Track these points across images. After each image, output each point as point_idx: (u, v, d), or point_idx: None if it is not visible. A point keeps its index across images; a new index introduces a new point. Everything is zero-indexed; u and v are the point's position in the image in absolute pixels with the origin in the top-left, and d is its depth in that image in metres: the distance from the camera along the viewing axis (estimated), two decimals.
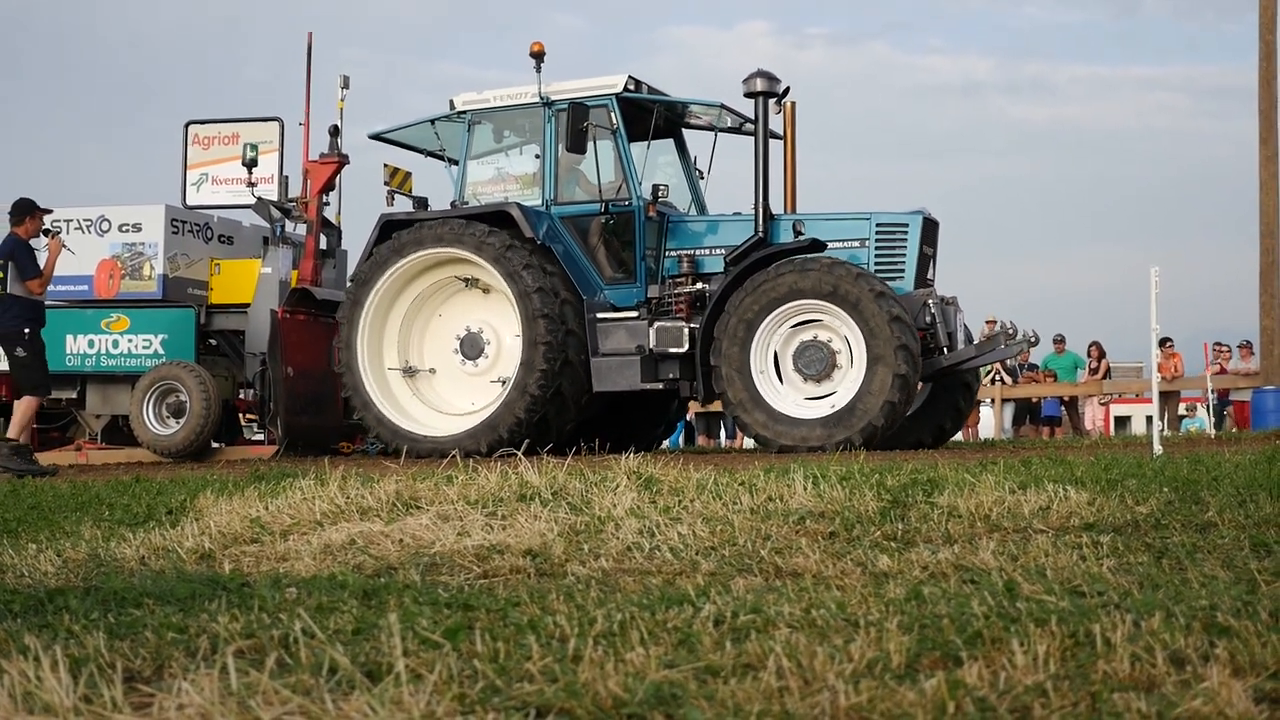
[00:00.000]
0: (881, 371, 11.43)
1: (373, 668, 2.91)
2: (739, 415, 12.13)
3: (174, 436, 14.97)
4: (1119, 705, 2.50)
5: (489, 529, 5.40)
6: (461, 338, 13.33)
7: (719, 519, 5.51)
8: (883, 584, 3.98)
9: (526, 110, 13.55)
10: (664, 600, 3.66)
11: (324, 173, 15.80)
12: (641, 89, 13.40)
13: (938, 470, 6.97)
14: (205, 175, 17.12)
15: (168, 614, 3.66)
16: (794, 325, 12.05)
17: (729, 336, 12.03)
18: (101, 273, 15.86)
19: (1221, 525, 5.05)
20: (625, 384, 12.71)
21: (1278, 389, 19.38)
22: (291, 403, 14.60)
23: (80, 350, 15.79)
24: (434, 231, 13.05)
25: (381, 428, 13.18)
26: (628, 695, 2.61)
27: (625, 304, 13.03)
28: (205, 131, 17.27)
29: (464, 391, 13.42)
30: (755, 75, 12.84)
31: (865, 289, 11.60)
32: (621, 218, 13.17)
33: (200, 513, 6.47)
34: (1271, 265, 19.80)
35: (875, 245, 12.56)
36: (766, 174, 12.82)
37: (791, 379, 12.09)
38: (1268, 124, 19.89)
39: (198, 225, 16.28)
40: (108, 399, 16.01)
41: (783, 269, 12.04)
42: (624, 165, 13.17)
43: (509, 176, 13.94)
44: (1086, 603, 3.40)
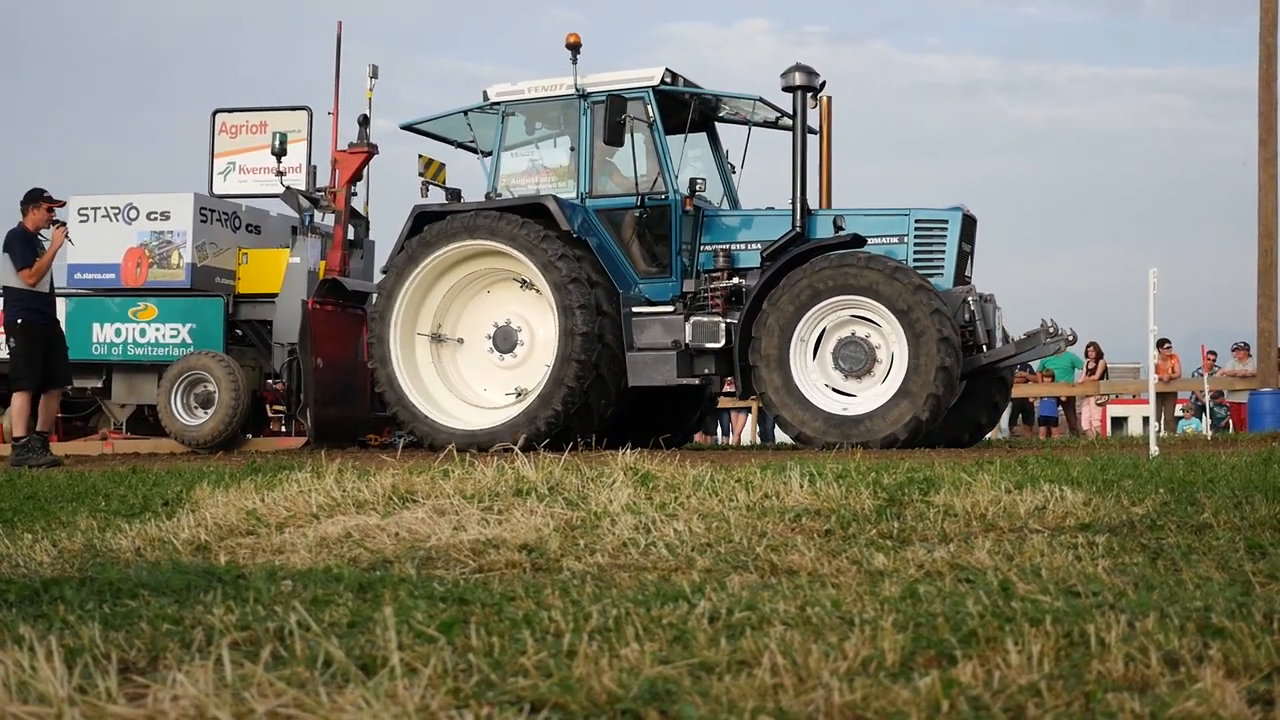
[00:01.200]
0: (924, 365, 11.35)
1: (367, 661, 2.91)
2: (780, 413, 12.02)
3: (202, 427, 14.85)
4: (1113, 705, 2.50)
5: (485, 523, 5.41)
6: (494, 331, 13.23)
7: (715, 516, 5.51)
8: (878, 582, 3.98)
9: (561, 102, 13.43)
10: (659, 596, 3.67)
11: (353, 162, 15.71)
12: (678, 81, 13.31)
13: (934, 469, 6.98)
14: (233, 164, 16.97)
15: (163, 605, 3.66)
16: (833, 321, 11.96)
17: (768, 332, 11.95)
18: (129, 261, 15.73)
19: (1217, 527, 5.05)
20: (661, 379, 12.64)
21: (1274, 391, 19.39)
22: (320, 394, 14.49)
23: (107, 339, 15.66)
24: (468, 223, 12.94)
25: (415, 421, 13.06)
26: (622, 691, 2.62)
27: (660, 298, 12.94)
28: (233, 120, 17.06)
29: (497, 384, 13.30)
30: (794, 69, 12.70)
31: (904, 283, 11.51)
32: (657, 211, 13.06)
33: (196, 504, 6.47)
34: (1269, 267, 19.79)
35: (914, 241, 12.46)
36: (804, 169, 12.70)
37: (831, 375, 12.00)
38: (1267, 126, 19.88)
39: (226, 214, 16.18)
40: (134, 388, 15.86)
41: (821, 264, 11.95)
42: (660, 158, 13.05)
43: (542, 168, 13.83)
44: (1081, 603, 3.40)
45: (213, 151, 17.09)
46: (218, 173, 17.03)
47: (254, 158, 16.82)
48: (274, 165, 15.80)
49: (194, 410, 15.08)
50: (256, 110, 17.15)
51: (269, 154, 15.91)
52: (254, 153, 16.83)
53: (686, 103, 13.51)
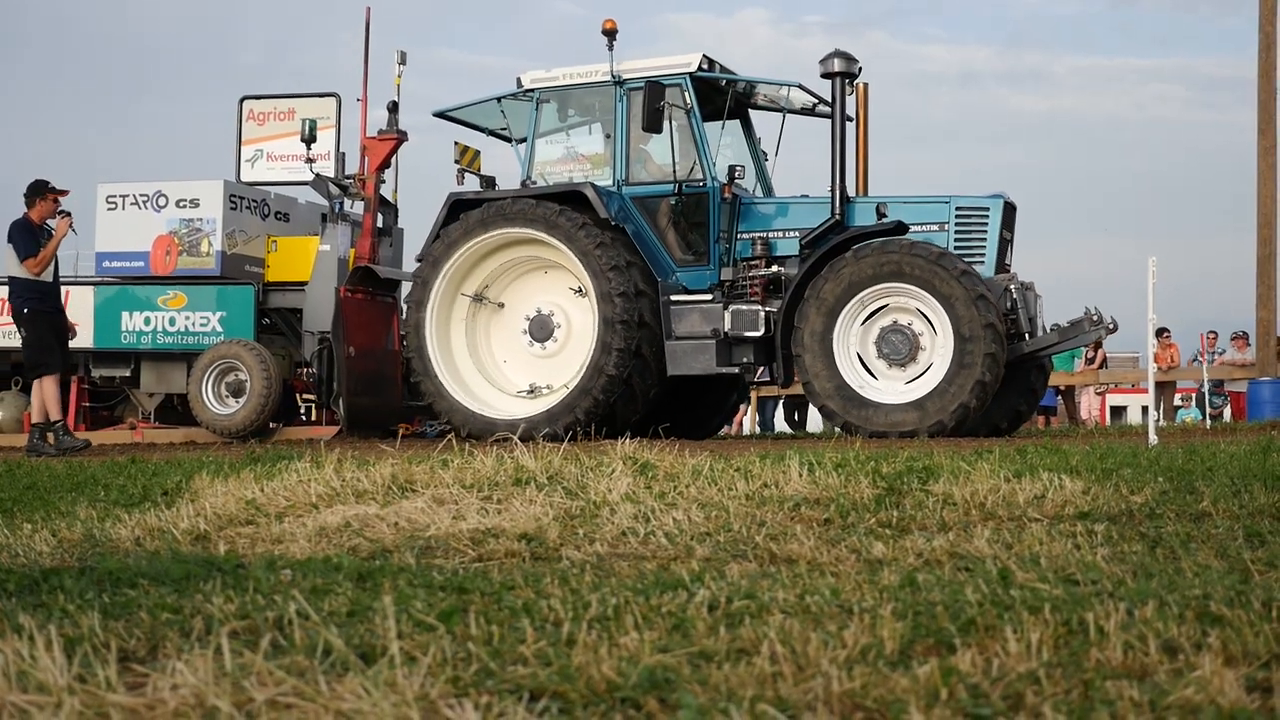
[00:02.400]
0: (969, 352, 11.31)
1: (367, 650, 2.91)
2: (825, 403, 11.97)
3: (234, 416, 14.83)
4: (1111, 693, 2.50)
5: (484, 513, 5.41)
6: (530, 319, 13.19)
7: (714, 505, 5.51)
8: (877, 571, 3.98)
9: (597, 89, 13.39)
10: (658, 585, 3.67)
11: (382, 149, 15.67)
12: (714, 68, 13.27)
13: (933, 458, 6.99)
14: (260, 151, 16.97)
15: (162, 595, 3.66)
16: (876, 309, 11.93)
17: (810, 320, 11.90)
18: (158, 249, 15.73)
19: (1216, 515, 5.06)
20: (700, 368, 12.61)
21: (1273, 380, 19.39)
22: (353, 383, 14.46)
23: (136, 327, 15.66)
24: (506, 210, 12.89)
25: (452, 411, 13.02)
26: (621, 679, 2.62)
27: (697, 286, 12.90)
28: (260, 107, 17.06)
29: (532, 373, 13.26)
30: (833, 55, 12.64)
31: (948, 269, 11.48)
32: (693, 199, 13.00)
33: (196, 494, 6.48)
34: (1268, 256, 19.79)
35: (955, 228, 12.42)
36: (843, 156, 12.65)
37: (874, 364, 11.97)
38: (1266, 115, 19.87)
39: (255, 201, 16.14)
40: (163, 377, 15.88)
41: (864, 251, 11.90)
42: (698, 146, 13.00)
43: (578, 156, 13.79)
44: (1080, 591, 3.41)
45: (240, 138, 17.03)
46: (245, 160, 17.01)
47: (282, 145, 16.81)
48: (302, 152, 15.77)
49: (225, 399, 15.04)
50: (284, 97, 17.14)
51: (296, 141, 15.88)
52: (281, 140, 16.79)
53: (722, 89, 13.45)
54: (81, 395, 16.47)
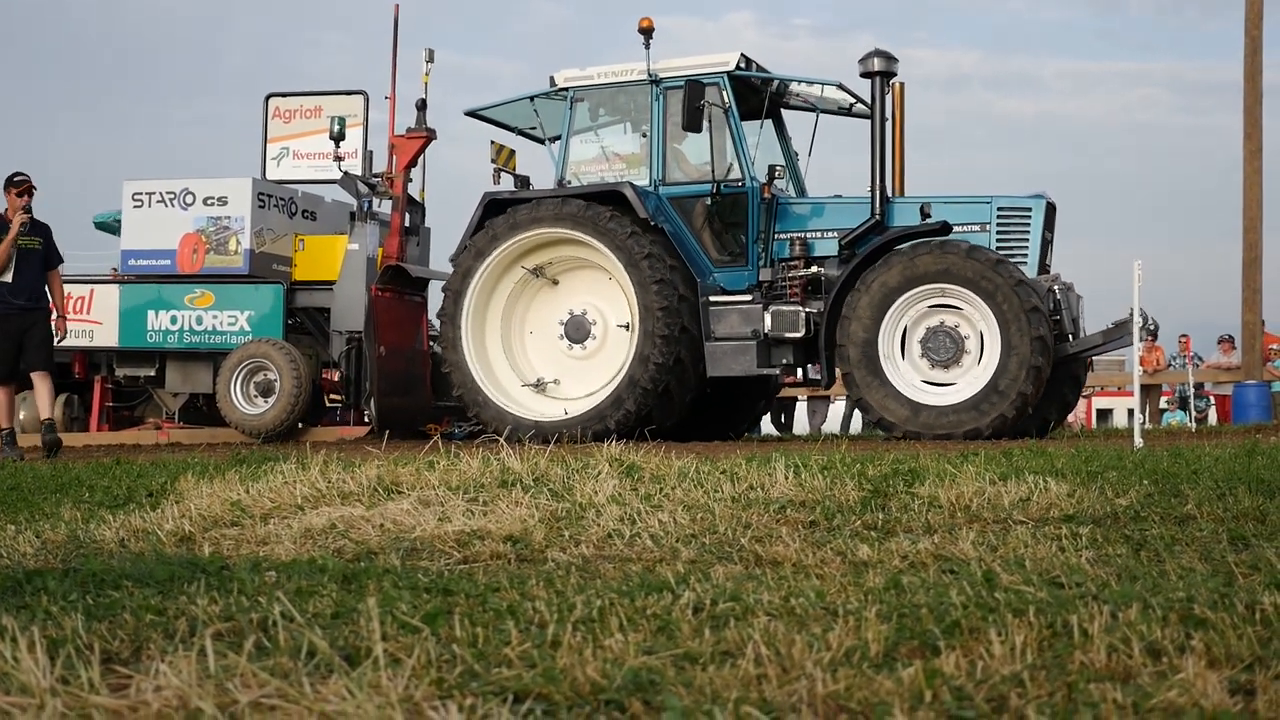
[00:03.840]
0: (1015, 361, 11.27)
1: (351, 651, 2.90)
2: (864, 397, 11.89)
3: (263, 416, 14.70)
4: (1095, 695, 2.51)
5: (470, 514, 5.40)
6: (566, 321, 13.09)
7: (700, 507, 5.51)
8: (862, 573, 3.98)
9: (633, 88, 13.30)
10: (643, 587, 3.67)
11: (411, 148, 15.56)
12: (751, 67, 13.20)
13: (919, 460, 7.00)
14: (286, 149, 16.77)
15: (146, 596, 3.65)
16: (921, 310, 11.87)
17: (855, 321, 11.83)
18: (185, 247, 15.59)
19: (1200, 518, 5.07)
20: (740, 369, 12.53)
21: (1259, 383, 19.47)
22: (383, 383, 14.38)
23: (162, 326, 15.51)
24: (545, 211, 12.78)
25: (487, 411, 12.91)
26: (606, 681, 2.62)
27: (735, 287, 12.81)
28: (286, 104, 16.88)
29: (568, 374, 13.15)
30: (872, 55, 12.60)
31: (1004, 276, 11.42)
32: (730, 199, 12.92)
33: (181, 495, 6.46)
34: (1254, 260, 19.86)
35: (996, 229, 12.34)
36: (883, 156, 12.58)
37: (918, 365, 11.90)
38: (1252, 119, 19.94)
39: (283, 200, 16.00)
40: (188, 377, 15.72)
41: (914, 252, 11.84)
42: (737, 145, 12.93)
43: (613, 155, 13.68)
44: (1064, 594, 3.41)
45: (265, 136, 16.87)
46: (271, 158, 16.80)
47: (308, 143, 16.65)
48: (329, 150, 15.64)
49: (253, 399, 14.90)
50: (311, 94, 16.95)
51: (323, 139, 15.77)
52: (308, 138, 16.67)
53: (758, 89, 13.39)
54: (105, 395, 16.37)
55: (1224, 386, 21.56)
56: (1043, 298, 11.58)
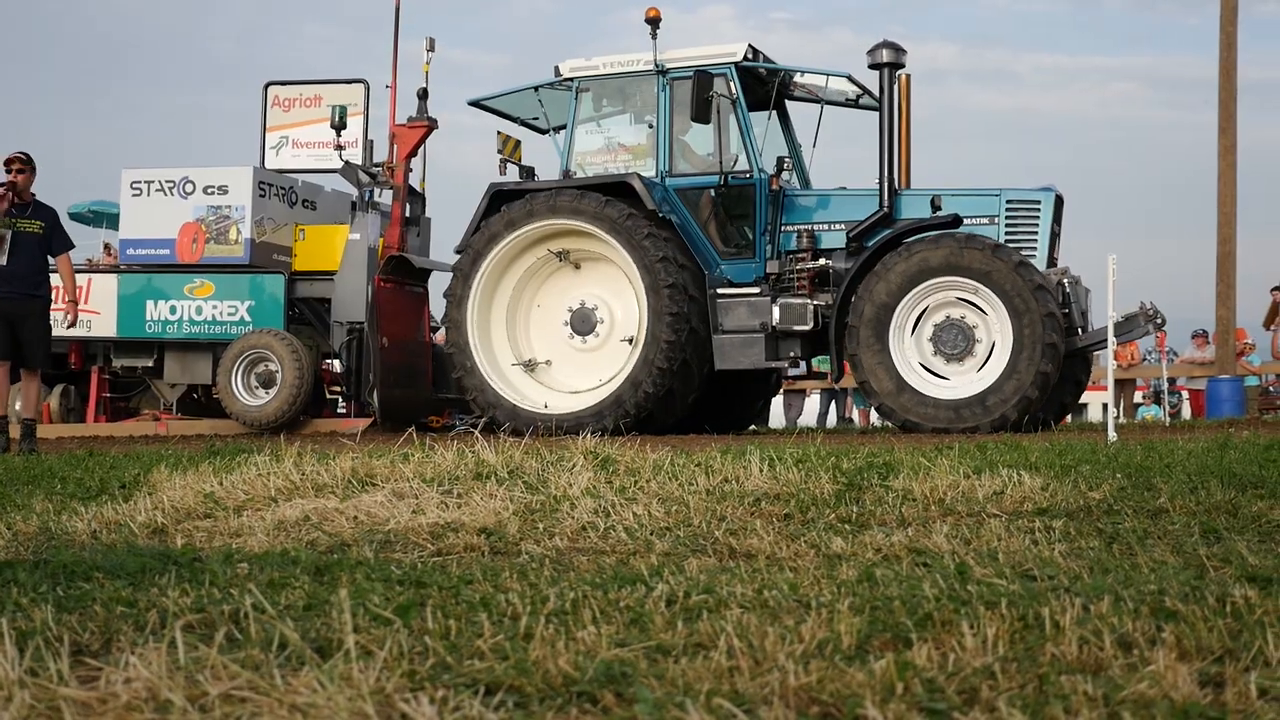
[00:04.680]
0: (1029, 343, 11.21)
1: (323, 644, 2.90)
2: (882, 400, 11.83)
3: (265, 408, 14.54)
4: (1066, 688, 2.52)
5: (444, 507, 5.39)
6: (572, 312, 13.00)
7: (675, 500, 5.51)
8: (836, 566, 3.99)
9: (639, 78, 13.21)
10: (617, 580, 3.67)
11: (412, 137, 15.42)
12: (758, 58, 13.12)
13: (893, 454, 7.01)
14: (285, 138, 16.57)
15: (117, 588, 3.63)
16: (931, 303, 11.81)
17: (866, 314, 11.76)
18: (184, 236, 15.39)
19: (1173, 511, 5.09)
20: (748, 362, 12.48)
21: (1233, 378, 19.56)
22: (385, 375, 14.27)
23: (161, 316, 15.33)
24: (553, 202, 12.69)
25: (492, 404, 12.80)
26: (578, 673, 2.62)
27: (742, 279, 12.72)
28: (286, 93, 16.69)
29: (573, 367, 13.06)
30: (881, 46, 12.52)
31: (1005, 261, 11.39)
32: (737, 190, 12.84)
33: (154, 487, 6.43)
34: (1228, 255, 19.95)
35: (1005, 222, 12.30)
36: (892, 148, 12.52)
37: (930, 358, 11.85)
38: (1226, 114, 20.03)
39: (283, 189, 15.82)
40: (187, 368, 15.56)
41: (921, 245, 11.79)
42: (745, 137, 12.84)
43: (618, 146, 13.58)
44: (1037, 586, 3.42)
45: (264, 125, 16.68)
46: (270, 147, 16.61)
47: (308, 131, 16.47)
48: (330, 140, 15.49)
49: (255, 390, 14.76)
50: (310, 83, 16.77)
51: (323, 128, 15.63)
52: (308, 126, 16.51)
53: (764, 79, 13.32)
54: (102, 385, 16.20)
55: (1198, 381, 21.65)
56: (1054, 294, 11.55)
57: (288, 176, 16.19)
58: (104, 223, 24.39)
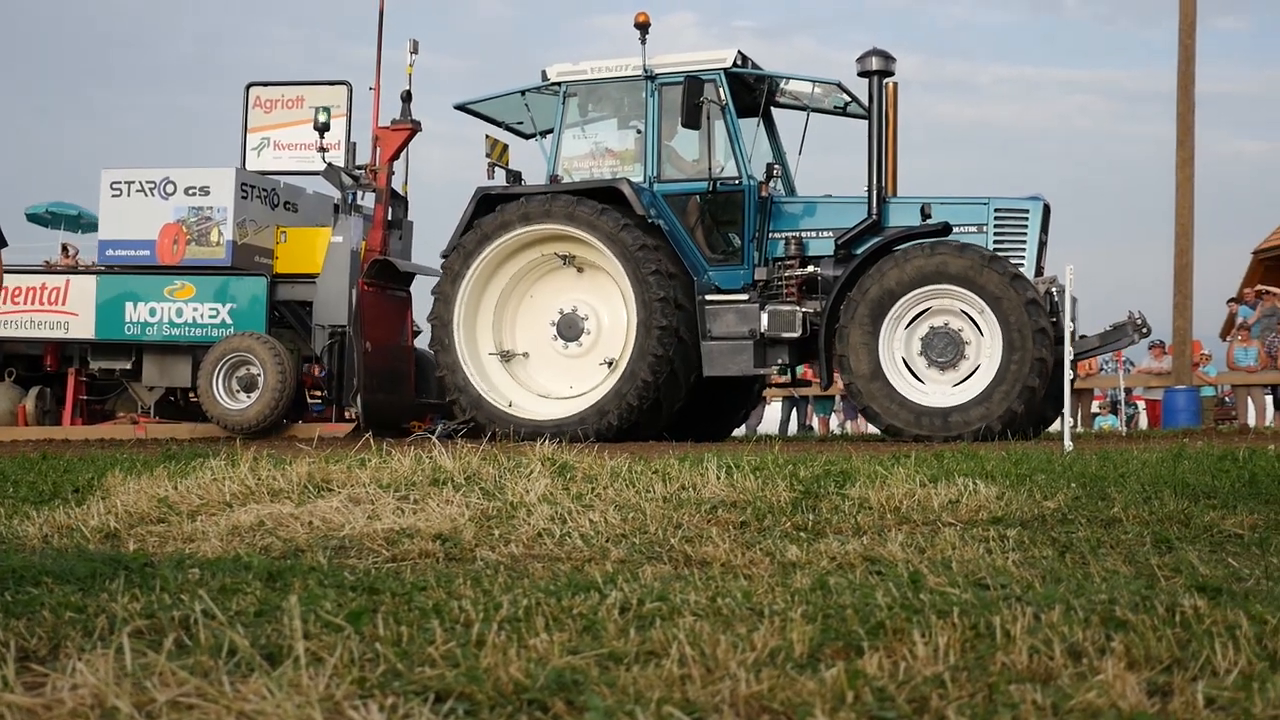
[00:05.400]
0: (1018, 356, 11.19)
1: (273, 650, 2.88)
2: (869, 404, 11.78)
3: (246, 412, 14.37)
4: (1015, 697, 2.53)
5: (400, 512, 5.38)
6: (558, 318, 12.92)
7: (631, 507, 5.52)
8: (790, 574, 4.00)
9: (627, 84, 13.17)
10: (571, 587, 3.66)
11: (395, 140, 15.30)
12: (747, 64, 13.11)
13: (850, 462, 7.04)
14: (267, 139, 16.35)
15: (67, 593, 3.60)
16: (921, 311, 11.77)
17: (856, 322, 11.71)
18: (165, 237, 15.19)
19: (1126, 521, 5.13)
20: (737, 369, 12.44)
21: (1189, 389, 19.70)
22: (369, 379, 14.18)
23: (140, 318, 15.11)
24: (544, 207, 12.62)
25: (478, 410, 12.72)
26: (529, 681, 2.61)
27: (730, 286, 12.70)
28: (268, 94, 16.49)
29: (561, 374, 12.98)
30: (870, 54, 12.52)
31: (999, 273, 11.36)
32: (725, 196, 12.83)
33: (107, 491, 6.38)
34: (1185, 267, 20.11)
35: (994, 230, 12.29)
36: (880, 156, 12.50)
37: (918, 366, 11.80)
38: (1185, 127, 20.20)
39: (265, 191, 15.66)
40: (166, 370, 15.34)
41: (912, 253, 11.76)
42: (734, 143, 12.81)
43: (606, 151, 13.50)
44: (989, 595, 3.44)
45: (245, 126, 16.48)
46: (251, 148, 16.38)
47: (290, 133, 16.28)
48: (312, 141, 15.30)
49: (236, 394, 14.61)
50: (293, 84, 16.56)
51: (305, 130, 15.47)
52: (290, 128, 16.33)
53: (751, 86, 13.29)
54: (79, 388, 16.02)
55: (1155, 391, 21.80)
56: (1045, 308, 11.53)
57: (270, 178, 16.06)
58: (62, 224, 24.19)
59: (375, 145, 15.45)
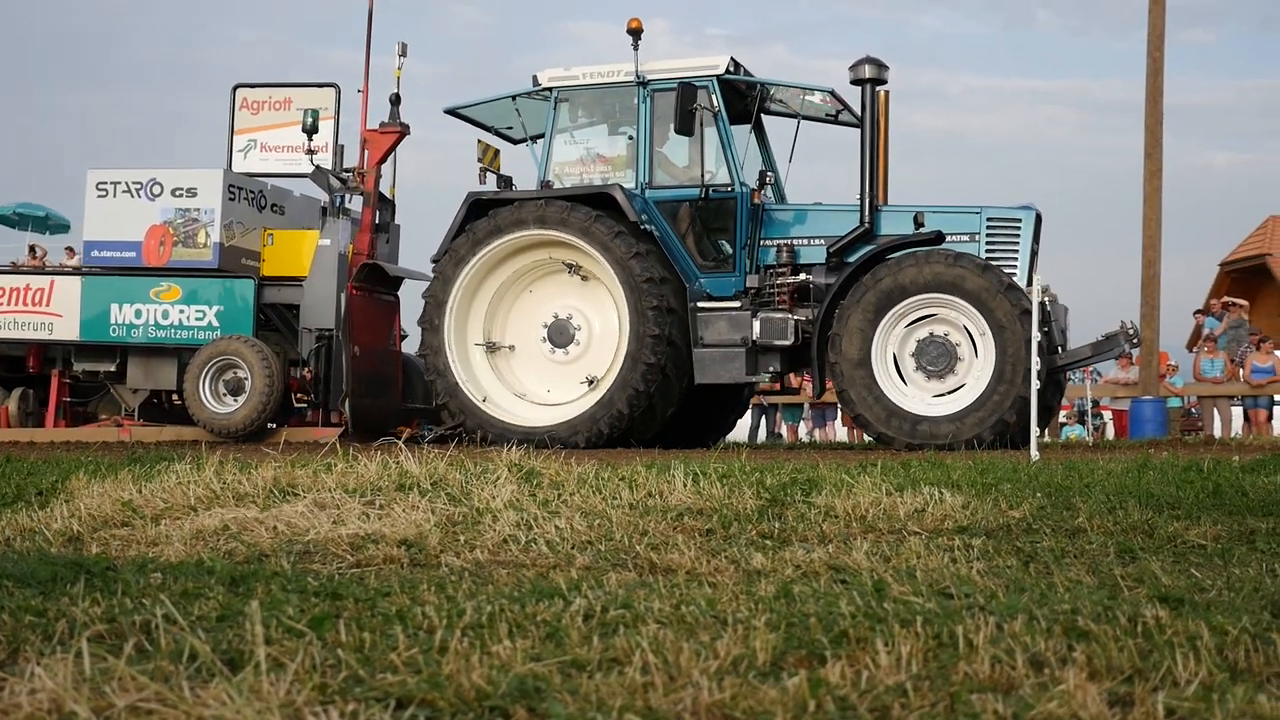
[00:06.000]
0: (1011, 367, 11.18)
1: (234, 656, 2.87)
2: (861, 413, 11.77)
3: (233, 415, 14.30)
4: (977, 706, 2.54)
5: (365, 518, 5.37)
6: (549, 325, 12.88)
7: (597, 514, 5.51)
8: (755, 582, 4.01)
9: (619, 89, 13.14)
10: (535, 593, 3.66)
11: (384, 143, 15.26)
12: (740, 71, 13.10)
13: (817, 470, 7.05)
14: (254, 141, 16.33)
15: (27, 597, 3.58)
16: (914, 319, 11.76)
17: (849, 330, 11.71)
18: (151, 239, 15.09)
19: (1090, 531, 5.16)
20: (729, 377, 12.44)
21: (1155, 399, 19.82)
22: (357, 384, 14.13)
23: (126, 320, 15.00)
24: (536, 212, 12.57)
25: (467, 415, 12.68)
26: (491, 688, 2.61)
27: (721, 293, 12.67)
28: (255, 95, 16.46)
29: (550, 380, 12.94)
30: (863, 62, 12.52)
31: (992, 282, 11.36)
32: (717, 204, 12.80)
33: (71, 494, 6.35)
34: (1153, 277, 20.25)
35: (986, 239, 12.31)
36: (873, 164, 12.50)
37: (911, 375, 11.79)
38: (1153, 139, 20.34)
39: (253, 193, 15.57)
40: (151, 373, 15.25)
41: (907, 261, 11.75)
42: (726, 150, 12.80)
43: (597, 157, 13.48)
44: (953, 604, 3.45)
45: (232, 128, 16.45)
46: (237, 150, 16.36)
47: (277, 135, 16.22)
48: (299, 144, 15.27)
49: (223, 398, 14.55)
50: (281, 86, 16.54)
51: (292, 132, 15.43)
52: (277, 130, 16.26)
53: (743, 93, 13.30)
54: (62, 390, 15.91)
55: (1122, 402, 21.93)
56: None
57: (257, 180, 16.00)
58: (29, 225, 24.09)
59: (363, 148, 15.41)
